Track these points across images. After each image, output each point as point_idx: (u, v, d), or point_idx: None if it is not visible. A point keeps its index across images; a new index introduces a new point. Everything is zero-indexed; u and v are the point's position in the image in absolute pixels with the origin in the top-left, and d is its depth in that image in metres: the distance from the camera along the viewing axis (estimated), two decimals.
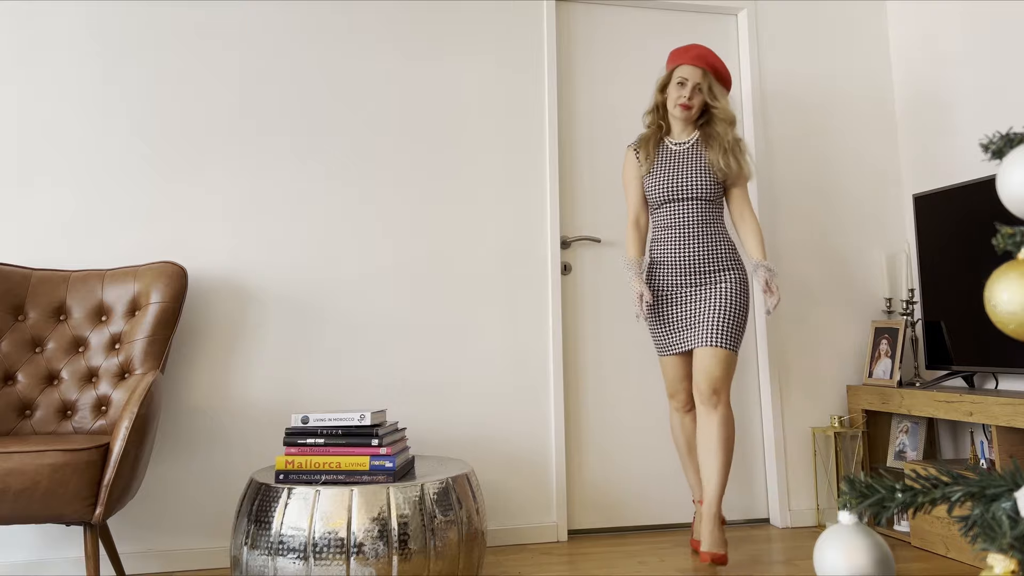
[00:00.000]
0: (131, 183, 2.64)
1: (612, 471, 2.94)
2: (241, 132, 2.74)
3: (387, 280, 2.81)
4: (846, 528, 0.98)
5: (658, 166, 2.60)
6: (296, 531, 1.95)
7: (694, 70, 2.54)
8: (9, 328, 2.34)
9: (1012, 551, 0.83)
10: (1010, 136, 0.95)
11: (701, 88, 2.54)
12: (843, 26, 3.36)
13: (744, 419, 3.09)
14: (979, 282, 2.69)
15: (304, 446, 2.12)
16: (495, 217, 2.93)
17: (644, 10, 3.21)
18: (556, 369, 2.89)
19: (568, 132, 3.07)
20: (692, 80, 2.54)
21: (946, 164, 3.06)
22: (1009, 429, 2.40)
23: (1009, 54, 2.77)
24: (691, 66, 2.54)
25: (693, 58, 2.55)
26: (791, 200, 3.20)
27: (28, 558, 2.40)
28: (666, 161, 2.60)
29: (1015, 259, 0.90)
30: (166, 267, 2.43)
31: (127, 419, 2.00)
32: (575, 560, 2.57)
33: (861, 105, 3.33)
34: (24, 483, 1.86)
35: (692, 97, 2.54)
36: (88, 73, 2.64)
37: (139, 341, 2.35)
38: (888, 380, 2.94)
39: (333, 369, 2.72)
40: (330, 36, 2.86)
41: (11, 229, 2.53)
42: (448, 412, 2.80)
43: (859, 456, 2.97)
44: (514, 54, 3.02)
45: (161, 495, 2.54)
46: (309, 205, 2.78)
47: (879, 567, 0.94)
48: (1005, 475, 0.91)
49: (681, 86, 2.55)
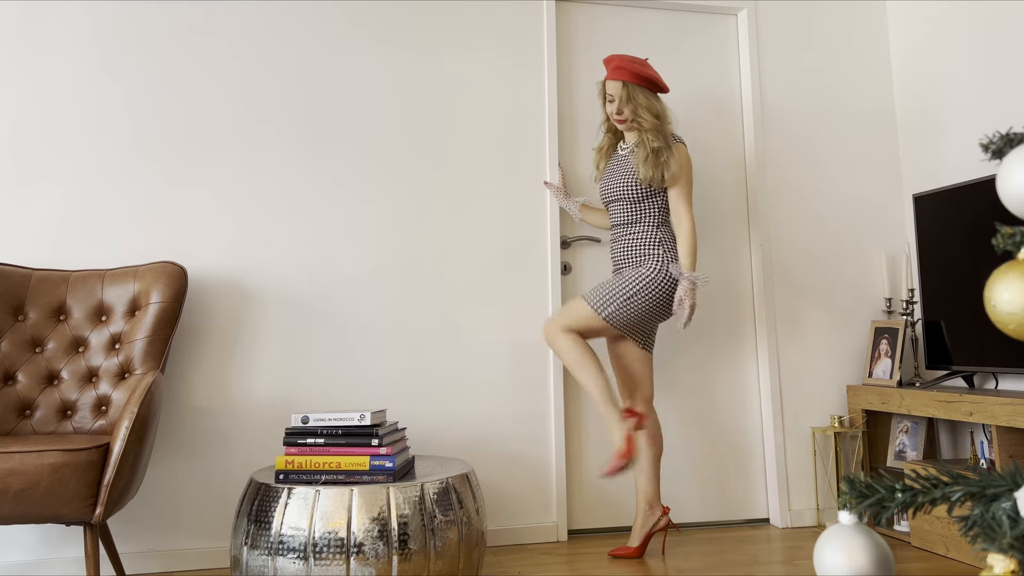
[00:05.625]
0: (131, 183, 2.64)
1: None
2: (241, 132, 2.74)
3: (387, 279, 2.81)
4: (846, 528, 0.98)
5: (606, 171, 2.72)
6: (296, 531, 1.95)
7: (614, 84, 2.58)
8: (9, 328, 2.34)
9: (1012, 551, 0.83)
10: (1010, 136, 0.95)
11: (623, 100, 2.56)
12: (843, 26, 3.36)
13: (744, 419, 3.09)
14: (979, 282, 2.69)
15: (304, 446, 2.12)
16: (495, 217, 2.93)
17: (644, 10, 3.21)
18: (556, 369, 2.89)
19: (568, 132, 3.07)
20: (615, 94, 2.58)
21: (946, 164, 3.06)
22: (1009, 429, 2.40)
23: (1009, 54, 2.77)
24: (611, 80, 2.59)
25: (612, 71, 2.59)
26: (791, 200, 3.20)
27: (28, 558, 2.40)
28: (610, 166, 2.70)
29: (1015, 259, 0.90)
30: (166, 267, 2.43)
31: (127, 419, 2.00)
32: (575, 560, 2.57)
33: (861, 105, 3.33)
34: (24, 483, 1.86)
35: (621, 111, 2.58)
36: (88, 73, 2.64)
37: (139, 341, 2.35)
38: (888, 380, 2.94)
39: (333, 369, 2.72)
40: (330, 36, 2.86)
41: (11, 229, 2.53)
42: (448, 412, 2.80)
43: (859, 456, 2.97)
44: (514, 54, 3.02)
45: (161, 495, 2.54)
46: (309, 205, 2.78)
47: (879, 567, 0.94)
48: (1005, 475, 0.91)
49: (610, 102, 2.61)
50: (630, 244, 2.59)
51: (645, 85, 2.56)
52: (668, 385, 3.03)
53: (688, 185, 2.57)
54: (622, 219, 2.62)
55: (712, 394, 3.08)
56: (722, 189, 3.19)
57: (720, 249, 3.16)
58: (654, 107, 2.57)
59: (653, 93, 2.59)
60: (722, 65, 3.27)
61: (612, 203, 2.65)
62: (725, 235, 3.17)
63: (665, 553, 2.62)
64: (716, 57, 3.27)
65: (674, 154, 2.54)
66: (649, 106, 2.56)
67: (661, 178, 2.54)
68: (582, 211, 2.88)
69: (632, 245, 2.58)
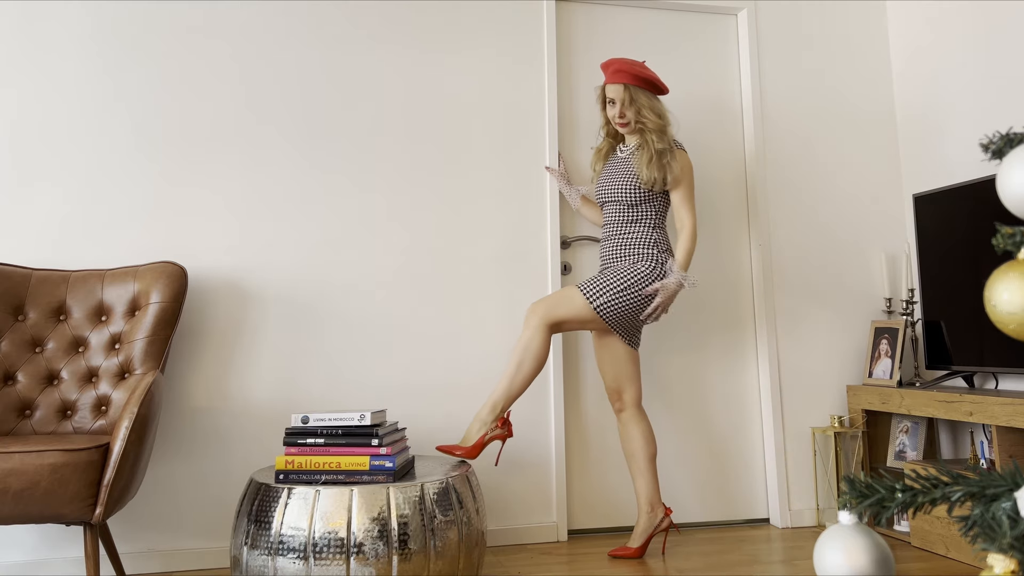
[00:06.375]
0: (131, 183, 2.64)
1: (612, 471, 2.94)
2: (241, 132, 2.74)
3: (387, 279, 2.81)
4: (846, 528, 0.98)
5: (603, 172, 2.71)
6: (296, 531, 1.95)
7: (615, 87, 2.58)
8: (9, 328, 2.34)
9: (1012, 551, 0.83)
10: (1010, 136, 0.95)
11: (625, 102, 2.56)
12: (843, 26, 3.36)
13: (744, 419, 3.09)
14: (979, 282, 2.69)
15: (304, 446, 2.12)
16: (495, 217, 2.93)
17: (644, 10, 3.21)
18: (556, 368, 2.89)
19: (568, 132, 3.07)
20: (616, 97, 2.58)
21: (946, 164, 3.06)
22: (1009, 429, 2.40)
23: (1009, 54, 2.77)
24: (612, 84, 2.59)
25: (612, 74, 2.58)
26: (791, 200, 3.20)
27: (28, 558, 2.40)
28: (608, 167, 2.70)
29: (1015, 259, 0.90)
30: (166, 267, 2.43)
31: (127, 419, 2.00)
32: (575, 560, 2.57)
33: (861, 104, 3.33)
34: (24, 483, 1.86)
35: (623, 114, 2.57)
36: (88, 73, 2.64)
37: (139, 341, 2.35)
38: (888, 380, 2.94)
39: (333, 369, 2.72)
40: (330, 36, 2.86)
41: (11, 229, 2.53)
42: (448, 412, 2.80)
43: (859, 456, 2.97)
44: (514, 53, 3.02)
45: (161, 495, 2.54)
46: (309, 204, 2.78)
47: (879, 567, 0.94)
48: (1005, 475, 0.91)
49: (611, 105, 2.60)
50: (624, 244, 2.58)
51: (646, 87, 2.57)
52: (668, 385, 3.03)
53: (690, 188, 2.57)
54: (617, 220, 2.62)
55: (712, 394, 3.07)
56: (722, 189, 3.19)
57: (720, 249, 3.16)
58: (656, 108, 2.57)
59: (654, 95, 2.59)
60: (722, 65, 3.27)
61: (608, 203, 2.65)
62: (725, 235, 3.17)
63: (665, 553, 2.62)
64: (716, 57, 3.27)
65: (676, 157, 2.55)
66: (652, 107, 2.56)
67: (664, 180, 2.54)
68: (581, 201, 2.89)
69: (626, 244, 2.57)
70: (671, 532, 2.83)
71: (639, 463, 2.58)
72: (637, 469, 2.58)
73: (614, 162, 2.68)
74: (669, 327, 3.04)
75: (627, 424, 2.61)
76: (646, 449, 2.58)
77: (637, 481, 2.59)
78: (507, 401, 2.44)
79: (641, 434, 2.59)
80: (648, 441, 2.59)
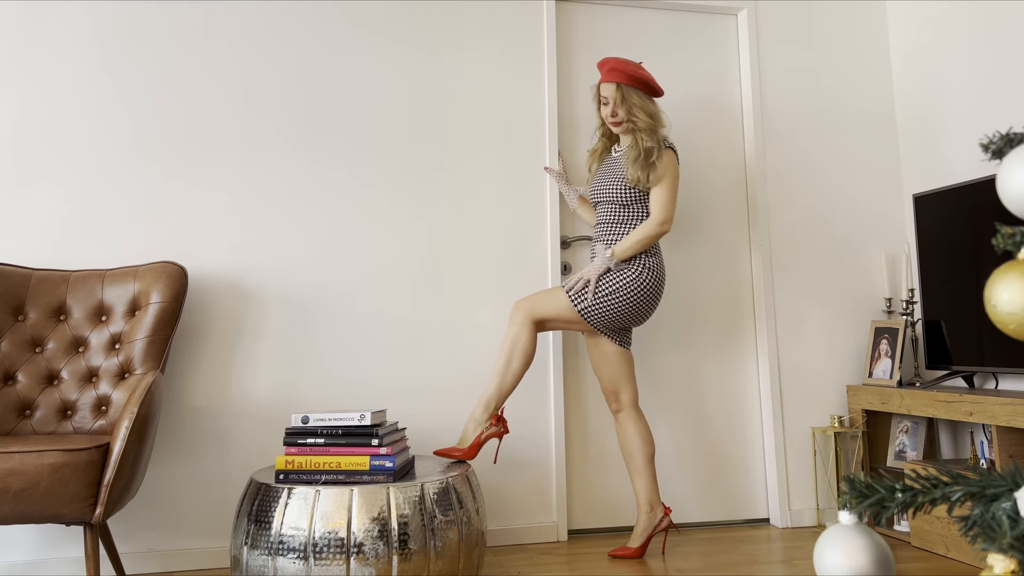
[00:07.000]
0: (131, 183, 2.64)
1: (612, 471, 2.94)
2: (241, 132, 2.74)
3: (387, 280, 2.81)
4: (846, 528, 0.98)
5: (597, 172, 2.72)
6: (296, 531, 1.95)
7: (608, 86, 2.59)
8: (9, 328, 2.34)
9: (1012, 551, 0.83)
10: (1010, 136, 0.95)
11: (617, 101, 2.57)
12: (843, 26, 3.36)
13: (744, 419, 3.09)
14: (979, 282, 2.69)
15: (304, 446, 2.12)
16: (495, 217, 2.93)
17: (644, 10, 3.21)
18: (556, 368, 2.89)
19: (568, 132, 3.07)
20: (610, 96, 2.58)
21: (946, 164, 3.06)
22: (1009, 429, 2.40)
23: (1009, 54, 2.77)
24: (605, 83, 2.59)
25: (606, 73, 2.59)
26: (791, 200, 3.20)
27: (28, 558, 2.40)
28: (602, 168, 2.71)
29: (1015, 259, 0.90)
30: (166, 267, 2.43)
31: (127, 419, 2.00)
32: (575, 560, 2.57)
33: (861, 105, 3.33)
34: (24, 483, 1.86)
35: (616, 113, 2.58)
36: (88, 73, 2.64)
37: (139, 341, 2.35)
38: (888, 380, 2.94)
39: (333, 369, 2.72)
40: (330, 36, 2.86)
41: (11, 229, 2.53)
42: (448, 412, 2.80)
43: (859, 456, 2.97)
44: (514, 53, 3.02)
45: (161, 495, 2.54)
46: (309, 205, 2.78)
47: (879, 567, 0.94)
48: (1005, 475, 0.91)
49: (605, 104, 2.61)
50: (613, 244, 2.57)
51: (639, 87, 2.57)
52: (668, 385, 3.03)
53: (671, 186, 2.54)
54: (609, 219, 2.61)
55: (712, 394, 3.08)
56: (722, 189, 3.19)
57: (720, 249, 3.16)
58: (648, 108, 2.57)
59: (647, 95, 2.59)
60: (722, 65, 3.27)
61: (600, 203, 2.65)
62: (725, 235, 3.17)
63: (665, 553, 2.62)
64: (716, 57, 3.27)
65: (662, 157, 2.55)
66: (643, 106, 2.56)
67: (647, 178, 2.53)
68: (578, 202, 2.89)
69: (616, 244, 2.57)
70: (671, 532, 2.83)
71: (637, 463, 2.58)
72: (635, 469, 2.59)
73: (608, 162, 2.69)
74: (669, 327, 3.04)
75: (624, 424, 2.61)
76: (644, 449, 2.58)
77: (636, 481, 2.59)
78: (499, 399, 2.45)
79: (638, 434, 2.59)
80: (646, 441, 2.59)
